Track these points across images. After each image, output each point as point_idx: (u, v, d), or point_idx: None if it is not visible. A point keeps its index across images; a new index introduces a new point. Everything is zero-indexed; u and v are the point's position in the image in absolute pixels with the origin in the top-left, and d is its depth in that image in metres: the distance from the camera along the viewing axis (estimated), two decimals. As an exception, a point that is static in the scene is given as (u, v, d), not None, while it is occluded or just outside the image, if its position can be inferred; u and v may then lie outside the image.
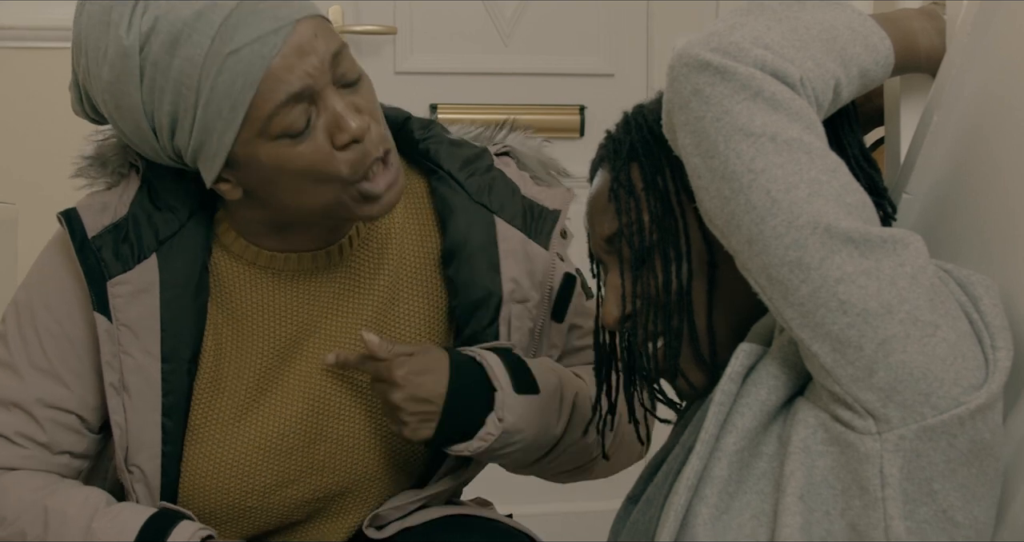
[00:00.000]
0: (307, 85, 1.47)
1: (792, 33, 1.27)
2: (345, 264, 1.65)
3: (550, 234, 1.66)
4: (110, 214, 1.60)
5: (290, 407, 1.64)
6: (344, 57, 1.51)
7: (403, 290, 1.66)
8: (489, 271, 1.63)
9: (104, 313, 1.58)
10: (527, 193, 1.68)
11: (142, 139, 1.53)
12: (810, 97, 1.26)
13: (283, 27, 1.46)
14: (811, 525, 1.21)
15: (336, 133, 1.49)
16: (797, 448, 1.22)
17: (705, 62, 1.24)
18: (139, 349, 1.59)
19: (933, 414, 1.19)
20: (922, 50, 1.42)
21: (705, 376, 1.36)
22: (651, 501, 1.32)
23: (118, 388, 1.59)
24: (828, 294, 1.19)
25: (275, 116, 1.47)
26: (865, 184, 1.36)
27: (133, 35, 1.46)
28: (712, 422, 1.26)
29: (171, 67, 1.46)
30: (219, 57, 1.45)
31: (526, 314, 1.66)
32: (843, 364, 1.20)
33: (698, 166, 1.25)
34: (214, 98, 1.46)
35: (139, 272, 1.58)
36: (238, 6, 1.46)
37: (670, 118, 1.28)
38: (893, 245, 1.20)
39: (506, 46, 3.19)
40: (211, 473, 1.62)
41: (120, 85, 1.49)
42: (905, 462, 1.19)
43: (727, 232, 1.25)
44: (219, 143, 1.48)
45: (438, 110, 3.11)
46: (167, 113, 1.48)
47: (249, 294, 1.63)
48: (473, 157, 1.68)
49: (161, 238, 1.59)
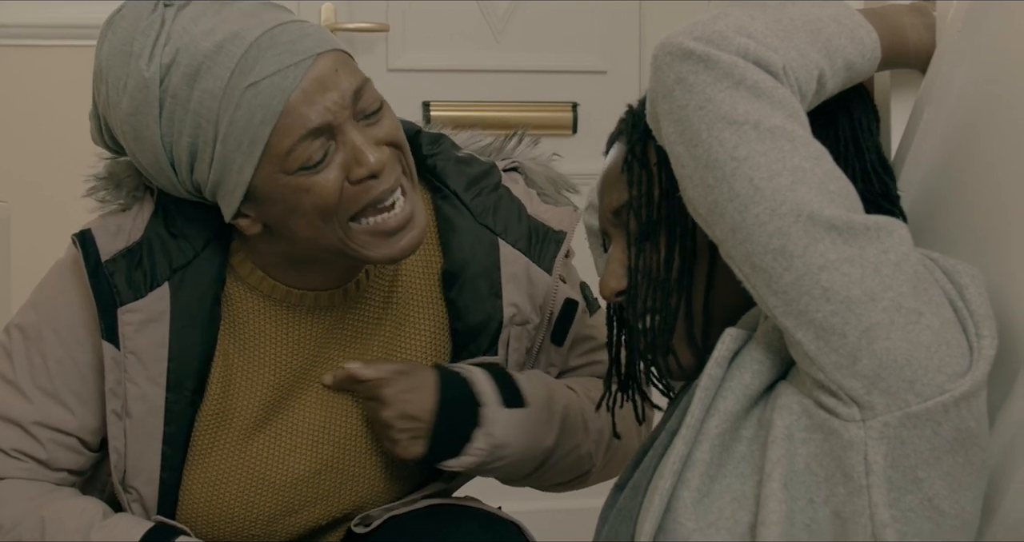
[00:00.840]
0: (327, 121, 1.46)
1: (776, 23, 1.28)
2: (360, 297, 1.64)
3: (554, 258, 1.65)
4: (124, 238, 1.58)
5: (296, 438, 1.64)
6: (367, 91, 1.49)
7: (411, 315, 1.66)
8: (490, 296, 1.63)
9: (112, 341, 1.56)
10: (533, 212, 1.67)
11: (160, 172, 1.51)
12: (793, 86, 1.26)
13: (303, 61, 1.45)
14: (794, 513, 1.21)
15: (354, 167, 1.47)
16: (780, 435, 1.23)
17: (688, 50, 1.24)
18: (145, 378, 1.57)
19: (917, 401, 1.19)
20: (910, 45, 1.42)
21: (694, 357, 1.36)
22: (637, 487, 1.32)
23: (120, 414, 1.58)
24: (811, 282, 1.20)
25: (294, 151, 1.45)
26: (879, 190, 1.36)
27: (154, 67, 1.46)
28: (698, 406, 1.26)
29: (191, 100, 1.45)
30: (238, 90, 1.44)
31: (525, 335, 1.66)
32: (827, 351, 1.20)
33: (681, 155, 1.25)
34: (233, 131, 1.45)
35: (150, 301, 1.57)
36: (259, 39, 1.45)
37: (654, 107, 1.28)
38: (877, 232, 1.21)
39: (499, 43, 3.19)
40: (214, 502, 1.62)
41: (139, 117, 1.48)
42: (889, 449, 1.19)
43: (711, 221, 1.25)
44: (238, 177, 1.47)
45: (431, 107, 3.11)
46: (186, 146, 1.47)
47: (262, 326, 1.62)
48: (480, 175, 1.67)
49: (175, 267, 1.57)
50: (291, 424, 1.64)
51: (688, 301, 1.35)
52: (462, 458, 1.57)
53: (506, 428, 1.57)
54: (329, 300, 1.63)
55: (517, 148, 1.74)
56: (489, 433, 1.56)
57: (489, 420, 1.57)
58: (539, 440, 1.61)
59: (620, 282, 1.39)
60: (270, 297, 1.62)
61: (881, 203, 1.36)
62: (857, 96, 1.38)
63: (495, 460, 1.58)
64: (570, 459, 1.66)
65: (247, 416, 1.62)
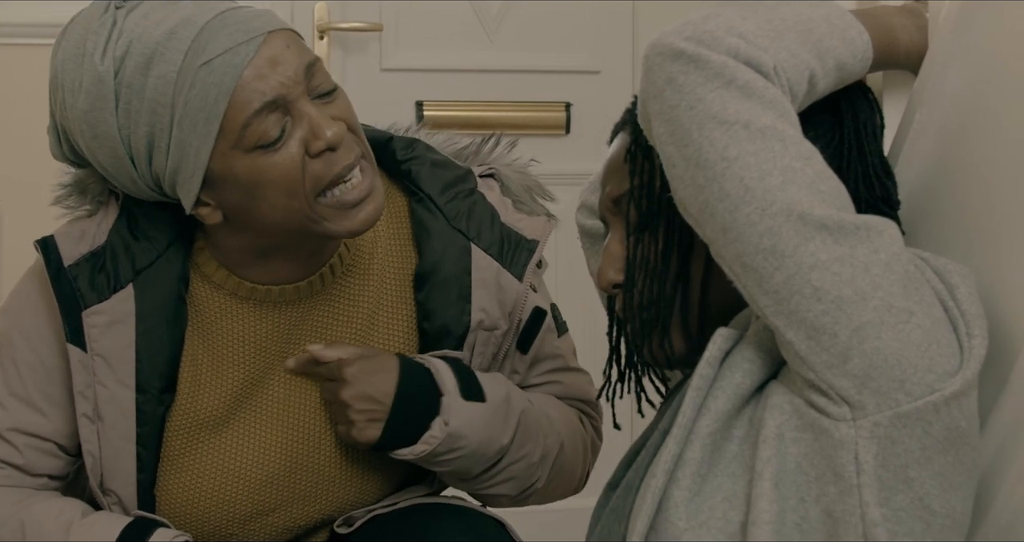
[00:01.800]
0: (280, 94, 1.47)
1: (767, 23, 1.28)
2: (327, 291, 1.64)
3: (525, 265, 1.65)
4: (88, 242, 1.59)
5: (268, 436, 1.64)
6: (318, 69, 1.51)
7: (382, 312, 1.66)
8: (459, 300, 1.63)
9: (78, 344, 1.57)
10: (507, 220, 1.67)
11: (119, 169, 1.52)
12: (784, 86, 1.26)
13: (255, 38, 1.46)
14: (785, 512, 1.21)
15: (311, 141, 1.48)
16: (771, 434, 1.23)
17: (679, 50, 1.24)
18: (113, 380, 1.58)
19: (908, 401, 1.19)
20: (902, 46, 1.42)
21: (687, 348, 1.36)
22: (630, 486, 1.32)
23: (92, 417, 1.59)
24: (802, 281, 1.20)
25: (249, 126, 1.46)
26: (880, 194, 1.37)
27: (108, 61, 1.46)
28: (689, 406, 1.26)
29: (145, 87, 1.46)
30: (191, 71, 1.45)
31: (492, 340, 1.65)
32: (818, 351, 1.20)
33: (672, 155, 1.25)
34: (188, 112, 1.46)
35: (115, 302, 1.57)
36: (210, 22, 1.47)
37: (644, 107, 1.28)
38: (867, 232, 1.21)
39: (492, 43, 3.19)
40: (190, 502, 1.62)
41: (96, 112, 1.48)
42: (880, 449, 1.19)
43: (701, 220, 1.25)
44: (196, 160, 1.48)
45: (424, 107, 3.11)
46: (143, 135, 1.48)
47: (229, 323, 1.63)
48: (455, 180, 1.67)
49: (138, 268, 1.58)
50: (261, 421, 1.64)
51: (685, 293, 1.35)
52: (416, 446, 1.56)
53: (464, 419, 1.57)
54: (295, 293, 1.62)
55: (494, 152, 1.75)
56: (446, 422, 1.56)
57: (448, 409, 1.56)
58: (495, 437, 1.60)
59: (618, 275, 1.39)
60: (235, 294, 1.62)
61: (881, 207, 1.36)
62: (864, 100, 1.39)
63: (448, 451, 1.57)
64: (520, 466, 1.65)
65: (217, 414, 1.63)
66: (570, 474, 1.72)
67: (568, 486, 1.75)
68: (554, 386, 1.75)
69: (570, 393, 1.76)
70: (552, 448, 1.67)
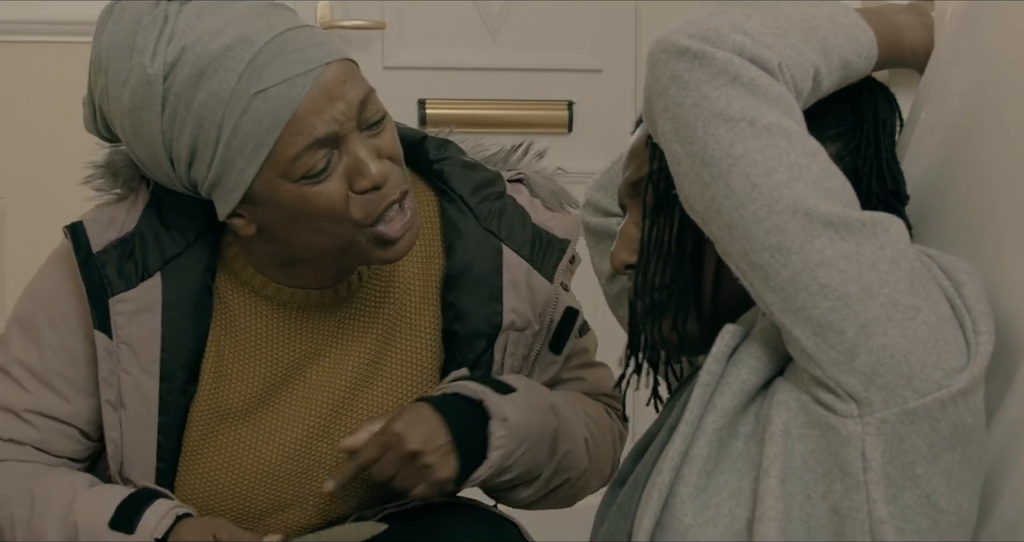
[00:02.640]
0: (333, 131, 1.46)
1: (772, 21, 1.28)
2: (352, 297, 1.64)
3: (555, 266, 1.66)
4: (116, 229, 1.59)
5: (288, 434, 1.64)
6: (371, 102, 1.50)
7: (405, 316, 1.66)
8: (490, 301, 1.63)
9: (104, 330, 1.57)
10: (537, 220, 1.67)
11: (157, 166, 1.52)
12: (789, 83, 1.26)
13: (313, 70, 1.45)
14: (792, 509, 1.21)
15: (357, 178, 1.48)
16: (778, 431, 1.23)
17: (683, 48, 1.24)
18: (138, 368, 1.58)
19: (915, 397, 1.19)
20: (907, 44, 1.42)
21: (701, 331, 1.36)
22: (636, 483, 1.32)
23: (115, 405, 1.59)
24: (809, 278, 1.20)
25: (299, 159, 1.46)
26: (891, 188, 1.37)
27: (158, 64, 1.46)
28: (696, 402, 1.26)
29: (194, 100, 1.45)
30: (246, 96, 1.44)
31: (522, 341, 1.66)
32: (824, 348, 1.20)
33: (677, 152, 1.25)
34: (237, 136, 1.45)
35: (142, 291, 1.58)
36: (267, 45, 1.45)
37: (650, 105, 1.28)
38: (873, 228, 1.21)
39: (494, 41, 3.19)
40: (206, 494, 1.63)
41: (140, 112, 1.48)
42: (887, 446, 1.19)
43: (707, 218, 1.25)
44: (238, 180, 1.48)
45: (426, 105, 3.11)
46: (187, 145, 1.48)
47: (254, 320, 1.63)
48: (486, 182, 1.68)
49: (166, 257, 1.58)
50: (282, 418, 1.64)
51: (698, 277, 1.35)
52: (491, 455, 1.55)
53: (514, 411, 1.57)
54: (320, 299, 1.63)
55: (523, 160, 1.75)
56: (503, 418, 1.56)
57: (496, 408, 1.56)
58: (543, 417, 1.60)
59: (631, 256, 1.40)
60: (261, 293, 1.62)
61: (891, 202, 1.37)
62: (885, 100, 1.39)
63: (518, 447, 1.57)
64: (575, 444, 1.65)
65: (239, 408, 1.63)
66: (603, 463, 1.73)
67: (601, 476, 1.75)
68: (580, 383, 1.76)
69: (595, 388, 1.77)
70: (586, 436, 1.68)
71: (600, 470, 1.74)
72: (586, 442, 1.69)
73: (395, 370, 1.66)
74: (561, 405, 1.65)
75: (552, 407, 1.63)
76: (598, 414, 1.74)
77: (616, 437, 1.77)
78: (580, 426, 1.68)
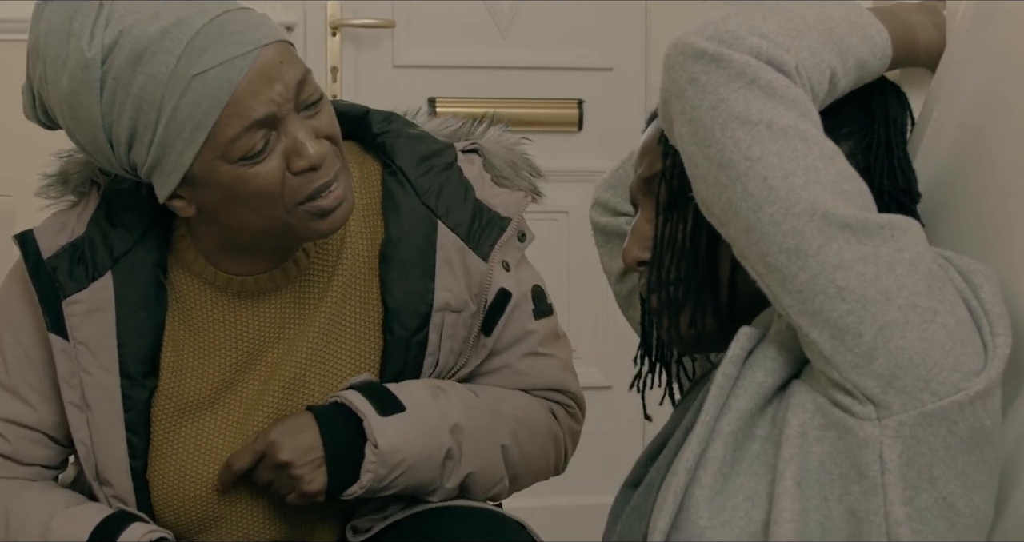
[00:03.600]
0: (271, 112, 1.47)
1: (788, 22, 1.28)
2: (302, 276, 1.64)
3: (493, 244, 1.63)
4: (67, 234, 1.61)
5: (251, 422, 1.64)
6: (308, 83, 1.51)
7: (354, 289, 1.65)
8: (423, 278, 1.62)
9: (60, 333, 1.59)
10: (481, 196, 1.65)
11: (97, 150, 1.52)
12: (806, 85, 1.26)
13: (250, 52, 1.46)
14: (808, 511, 1.21)
15: (294, 159, 1.49)
16: (794, 433, 1.23)
17: (701, 50, 1.24)
18: (97, 366, 1.59)
19: (933, 400, 1.19)
20: (920, 44, 1.42)
21: (718, 327, 1.36)
22: (651, 485, 1.32)
23: (80, 406, 1.60)
24: (826, 281, 1.19)
25: (237, 140, 1.47)
26: (903, 187, 1.37)
27: (95, 47, 1.46)
28: (712, 404, 1.26)
29: (133, 83, 1.46)
30: (184, 78, 1.45)
31: (460, 323, 1.64)
32: (842, 351, 1.20)
33: (695, 155, 1.25)
34: (176, 118, 1.46)
35: (94, 290, 1.59)
36: (205, 27, 1.46)
37: (666, 107, 1.28)
38: (891, 231, 1.21)
39: (504, 40, 3.19)
40: (177, 486, 1.63)
41: (79, 96, 1.48)
42: (905, 448, 1.19)
43: (724, 220, 1.25)
44: (177, 161, 1.48)
45: (436, 103, 3.11)
46: (126, 128, 1.48)
47: (208, 311, 1.64)
48: (431, 153, 1.66)
49: (115, 256, 1.60)
50: (244, 407, 1.64)
51: (714, 274, 1.35)
52: (361, 478, 1.56)
53: (391, 435, 1.56)
54: (270, 281, 1.63)
55: (487, 132, 1.74)
56: (376, 444, 1.55)
57: (372, 432, 1.55)
58: (435, 441, 1.59)
59: (643, 252, 1.40)
60: (213, 284, 1.63)
61: (903, 200, 1.37)
62: (896, 99, 1.40)
63: (392, 471, 1.56)
64: (485, 458, 1.63)
65: (201, 399, 1.63)
66: (534, 467, 1.71)
67: (535, 477, 1.73)
68: (524, 376, 1.71)
69: (541, 382, 1.72)
70: (505, 444, 1.65)
71: (531, 473, 1.71)
72: (504, 450, 1.66)
73: (345, 344, 1.65)
74: (468, 421, 1.62)
75: (452, 428, 1.60)
76: (534, 416, 1.70)
77: (559, 439, 1.73)
78: (499, 435, 1.65)
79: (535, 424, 1.70)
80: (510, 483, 1.69)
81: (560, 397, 1.74)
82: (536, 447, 1.70)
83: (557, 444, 1.73)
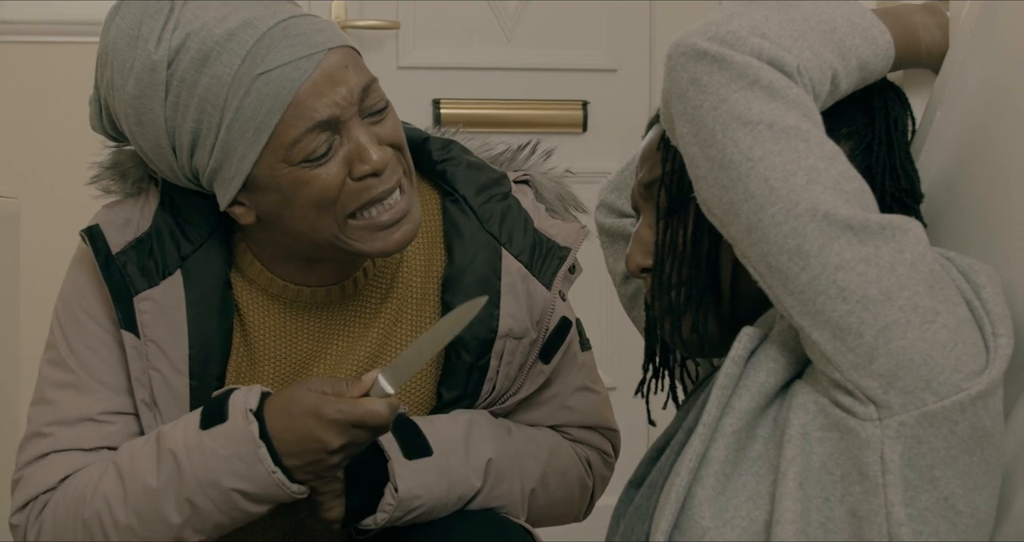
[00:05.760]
0: (334, 115, 1.47)
1: (790, 23, 1.28)
2: (358, 294, 1.64)
3: (555, 273, 1.64)
4: (132, 229, 1.60)
5: None
6: (374, 90, 1.51)
7: (406, 313, 1.65)
8: (488, 305, 1.60)
9: (131, 330, 1.58)
10: (540, 226, 1.66)
11: (160, 156, 1.52)
12: (807, 86, 1.26)
13: (315, 54, 1.46)
14: (810, 511, 1.21)
15: (356, 164, 1.48)
16: (796, 434, 1.23)
17: (702, 51, 1.24)
18: (167, 365, 1.58)
19: (934, 400, 1.19)
20: (923, 45, 1.42)
21: (720, 332, 1.36)
22: (654, 485, 1.33)
23: (149, 404, 1.59)
24: (827, 281, 1.20)
25: (299, 142, 1.46)
26: (905, 187, 1.37)
27: (162, 50, 1.46)
28: (714, 405, 1.26)
29: (198, 84, 1.46)
30: (248, 78, 1.45)
31: (519, 350, 1.64)
32: (843, 351, 1.20)
33: (696, 155, 1.25)
34: (239, 119, 1.46)
35: (164, 288, 1.58)
36: (272, 29, 1.46)
37: (668, 108, 1.28)
38: (892, 232, 1.21)
39: (509, 41, 3.19)
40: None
41: (144, 99, 1.48)
42: (906, 448, 1.19)
43: (726, 221, 1.25)
44: (239, 165, 1.48)
45: (441, 105, 3.11)
46: (189, 131, 1.48)
47: (261, 319, 1.63)
48: (490, 183, 1.67)
49: (183, 254, 1.59)
50: None
51: (715, 278, 1.35)
52: (377, 515, 1.55)
53: (412, 481, 1.55)
54: (326, 297, 1.63)
55: (529, 160, 1.74)
56: (396, 488, 1.54)
57: (395, 475, 1.55)
58: (455, 485, 1.58)
59: (646, 259, 1.40)
60: (267, 291, 1.63)
61: (905, 200, 1.37)
62: (897, 99, 1.40)
63: (407, 513, 1.56)
64: (511, 497, 1.63)
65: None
66: (557, 511, 1.71)
67: (555, 522, 1.73)
68: (569, 413, 1.72)
69: (585, 420, 1.73)
70: (533, 488, 1.66)
71: (553, 518, 1.72)
72: (532, 493, 1.66)
73: None
74: (499, 459, 1.62)
75: (476, 470, 1.60)
76: (566, 462, 1.70)
77: (587, 487, 1.73)
78: (528, 479, 1.65)
79: (566, 471, 1.71)
80: (530, 525, 1.68)
81: (599, 440, 1.75)
82: (564, 493, 1.71)
83: (584, 492, 1.74)
